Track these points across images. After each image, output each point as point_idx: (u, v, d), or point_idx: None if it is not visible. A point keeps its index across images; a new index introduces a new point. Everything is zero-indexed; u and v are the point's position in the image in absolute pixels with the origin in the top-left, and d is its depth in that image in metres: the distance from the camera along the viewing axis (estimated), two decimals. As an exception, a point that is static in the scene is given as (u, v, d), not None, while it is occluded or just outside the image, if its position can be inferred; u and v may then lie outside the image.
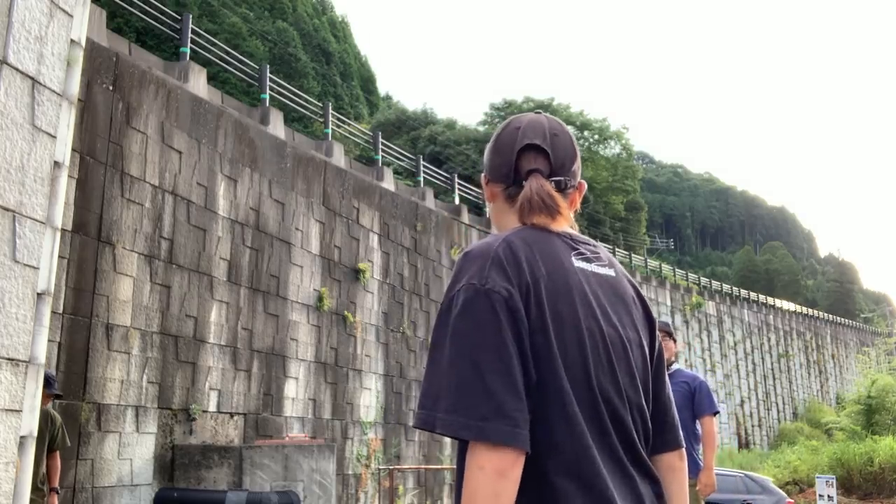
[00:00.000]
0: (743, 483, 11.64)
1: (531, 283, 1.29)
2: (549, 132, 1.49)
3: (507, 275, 1.28)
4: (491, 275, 1.28)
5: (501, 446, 1.18)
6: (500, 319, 1.24)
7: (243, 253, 9.83)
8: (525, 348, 1.25)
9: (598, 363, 1.31)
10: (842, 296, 70.25)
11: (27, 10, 3.74)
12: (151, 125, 8.50)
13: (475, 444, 1.19)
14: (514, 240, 1.35)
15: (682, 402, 5.23)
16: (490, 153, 1.53)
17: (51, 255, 4.02)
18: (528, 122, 1.52)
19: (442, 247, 15.05)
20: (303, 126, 24.73)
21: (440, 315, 1.31)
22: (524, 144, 1.47)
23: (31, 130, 3.78)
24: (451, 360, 1.24)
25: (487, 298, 1.25)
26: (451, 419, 1.20)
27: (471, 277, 1.28)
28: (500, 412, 1.19)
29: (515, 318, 1.25)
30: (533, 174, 1.44)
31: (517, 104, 35.91)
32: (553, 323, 1.28)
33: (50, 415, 6.11)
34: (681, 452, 1.51)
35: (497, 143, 1.53)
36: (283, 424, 10.18)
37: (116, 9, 12.05)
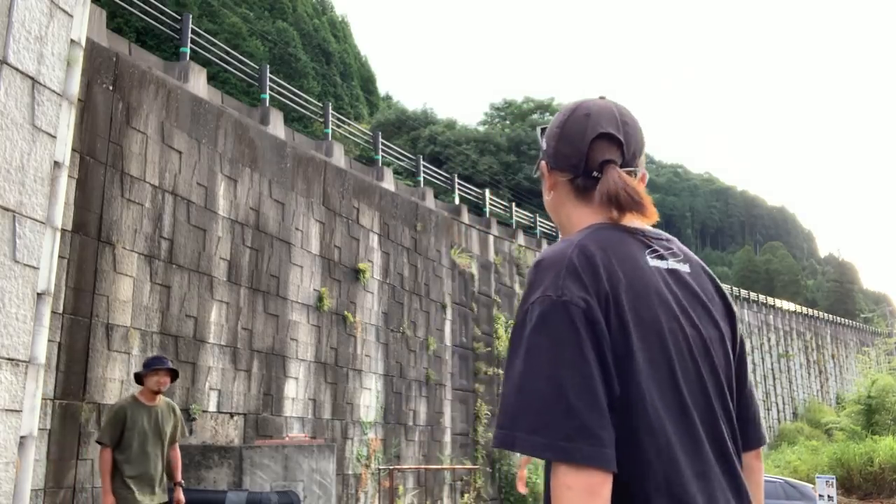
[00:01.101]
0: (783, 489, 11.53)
1: (609, 290, 1.23)
2: (620, 120, 1.42)
3: (583, 284, 1.22)
4: (566, 284, 1.22)
5: (586, 467, 1.13)
6: (579, 332, 1.19)
7: (243, 253, 9.83)
8: (607, 361, 1.20)
9: (685, 369, 1.27)
10: (842, 296, 70.24)
11: (27, 10, 3.74)
12: (151, 125, 8.50)
13: (559, 464, 1.15)
14: (588, 244, 1.28)
15: None
16: (555, 140, 1.45)
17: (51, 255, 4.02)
18: (599, 109, 1.43)
19: (442, 247, 15.05)
20: (303, 126, 24.74)
21: (515, 330, 1.26)
22: (597, 133, 1.39)
23: (31, 130, 3.78)
24: (529, 377, 1.19)
25: (565, 310, 1.20)
26: (531, 439, 1.16)
27: (545, 289, 1.23)
28: (584, 431, 1.14)
29: (595, 330, 1.20)
30: (609, 165, 1.37)
31: (517, 104, 35.92)
32: (635, 331, 1.23)
33: (172, 406, 6.18)
34: (759, 452, 1.45)
35: (564, 129, 1.44)
36: (283, 424, 10.18)
37: (116, 9, 12.05)
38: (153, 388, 5.96)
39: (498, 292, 17.08)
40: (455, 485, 14.24)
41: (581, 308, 1.20)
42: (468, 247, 16.23)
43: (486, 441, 15.38)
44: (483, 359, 15.84)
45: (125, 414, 5.83)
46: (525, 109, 35.20)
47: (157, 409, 5.99)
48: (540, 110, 35.05)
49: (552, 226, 22.55)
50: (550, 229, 22.27)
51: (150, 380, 5.95)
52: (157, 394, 6.00)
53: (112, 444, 5.75)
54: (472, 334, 15.69)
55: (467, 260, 15.94)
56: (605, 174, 1.36)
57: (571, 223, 1.43)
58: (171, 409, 6.12)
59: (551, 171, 1.46)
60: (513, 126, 34.11)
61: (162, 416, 6.00)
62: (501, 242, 17.82)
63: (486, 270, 16.80)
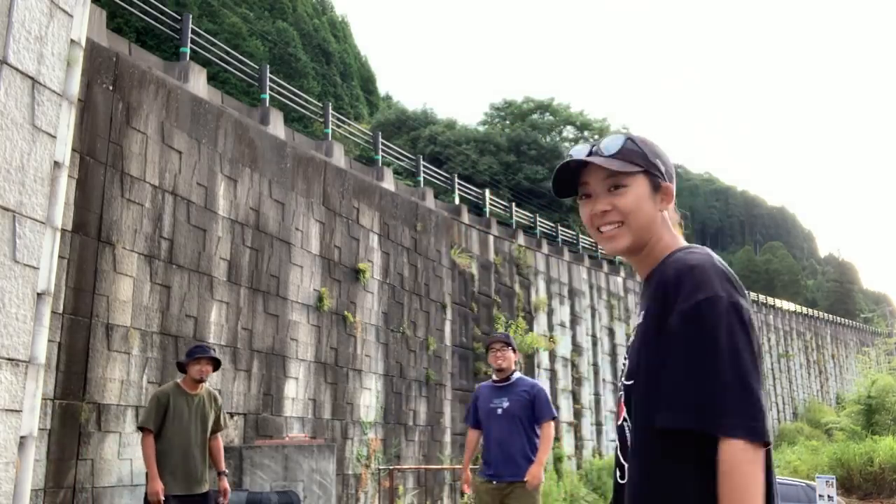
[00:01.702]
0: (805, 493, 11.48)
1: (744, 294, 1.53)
2: None
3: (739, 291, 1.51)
4: (729, 289, 1.48)
5: (761, 444, 1.39)
6: (748, 329, 1.45)
7: (243, 253, 9.83)
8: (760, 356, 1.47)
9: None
10: (842, 296, 70.24)
11: (27, 10, 3.74)
12: (151, 125, 8.50)
13: (747, 443, 1.37)
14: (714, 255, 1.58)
15: (523, 410, 5.55)
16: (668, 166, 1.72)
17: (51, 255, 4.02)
18: None
19: (442, 247, 15.05)
20: (303, 126, 24.73)
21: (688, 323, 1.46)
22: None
23: (31, 130, 3.78)
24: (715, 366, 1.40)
25: (738, 311, 1.46)
26: (729, 422, 1.37)
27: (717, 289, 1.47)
28: (763, 414, 1.39)
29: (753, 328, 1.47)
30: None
31: (517, 104, 35.88)
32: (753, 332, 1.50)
33: (214, 395, 6.20)
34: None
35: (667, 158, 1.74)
36: (283, 424, 10.18)
37: (116, 9, 12.04)
38: (195, 376, 5.96)
39: (498, 292, 17.08)
40: (455, 485, 14.24)
41: (747, 311, 1.47)
42: (468, 247, 16.23)
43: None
44: (483, 359, 15.83)
45: (168, 400, 5.84)
46: (525, 109, 35.17)
47: (199, 397, 6.01)
48: (540, 110, 35.04)
49: (552, 226, 22.55)
50: (550, 229, 22.26)
51: (193, 368, 5.96)
52: (199, 382, 6.00)
53: (155, 429, 5.74)
54: (472, 334, 15.69)
55: (467, 260, 15.94)
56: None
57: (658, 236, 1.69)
58: (212, 398, 6.14)
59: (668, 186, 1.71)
60: (513, 126, 34.09)
61: (204, 404, 6.01)
62: (501, 242, 17.81)
63: (486, 270, 16.80)
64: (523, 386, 5.70)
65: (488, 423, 5.63)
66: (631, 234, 1.66)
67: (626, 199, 1.65)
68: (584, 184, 1.69)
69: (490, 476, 5.52)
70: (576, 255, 22.07)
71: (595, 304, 21.92)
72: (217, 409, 6.18)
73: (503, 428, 5.53)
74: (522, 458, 5.47)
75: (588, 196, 1.69)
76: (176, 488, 5.76)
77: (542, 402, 5.62)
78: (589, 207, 1.69)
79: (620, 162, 1.65)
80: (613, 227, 1.66)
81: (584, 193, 1.70)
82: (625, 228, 1.66)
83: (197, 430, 5.95)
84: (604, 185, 1.66)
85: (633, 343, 1.64)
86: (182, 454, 5.84)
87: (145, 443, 5.79)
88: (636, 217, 1.66)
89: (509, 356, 5.75)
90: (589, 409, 20.26)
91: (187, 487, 5.82)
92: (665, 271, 1.57)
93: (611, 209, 1.65)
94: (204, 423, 6.01)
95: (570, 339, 20.11)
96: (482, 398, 5.81)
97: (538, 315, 18.70)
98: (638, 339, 1.60)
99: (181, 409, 5.89)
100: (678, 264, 1.54)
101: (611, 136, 1.71)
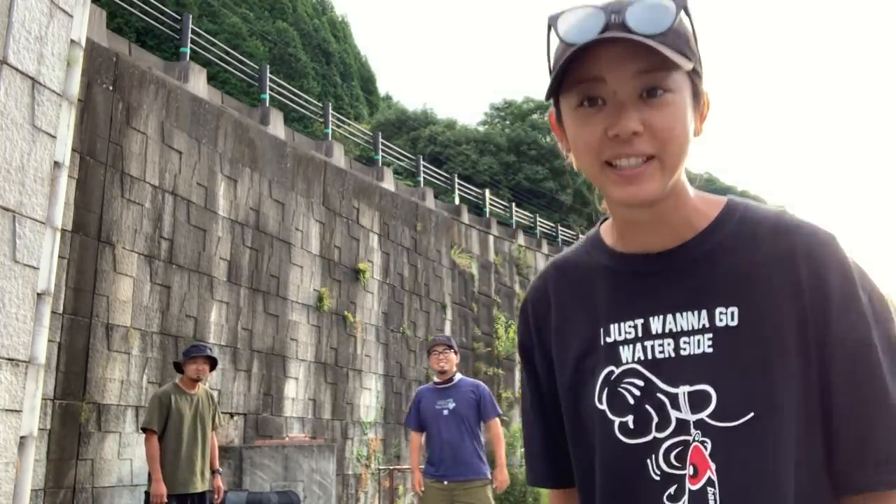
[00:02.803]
0: None
1: None
2: None
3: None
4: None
5: None
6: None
7: (243, 253, 9.83)
8: None
9: None
10: (842, 296, 70.20)
11: (27, 10, 3.74)
12: (151, 125, 8.50)
13: None
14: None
15: (469, 410, 5.73)
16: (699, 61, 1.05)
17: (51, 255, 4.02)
18: None
19: (442, 247, 15.05)
20: (303, 126, 24.74)
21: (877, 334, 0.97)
22: None
23: (31, 130, 3.78)
24: None
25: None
26: None
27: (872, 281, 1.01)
28: None
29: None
30: None
31: (517, 104, 35.90)
32: None
33: (210, 394, 6.34)
34: None
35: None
36: (283, 424, 10.19)
37: (116, 9, 12.05)
38: (192, 375, 6.06)
39: (498, 292, 17.08)
40: (455, 485, 14.25)
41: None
42: (468, 247, 16.23)
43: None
44: (483, 359, 15.84)
45: (170, 400, 5.94)
46: (525, 109, 35.18)
47: (197, 396, 6.12)
48: (540, 110, 35.03)
49: (552, 226, 22.53)
50: (550, 229, 22.26)
51: (190, 368, 6.05)
52: (196, 382, 6.10)
53: (158, 430, 5.83)
54: (472, 334, 15.70)
55: (467, 260, 15.94)
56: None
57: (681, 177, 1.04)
58: (209, 397, 6.27)
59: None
60: (513, 126, 34.10)
61: (202, 404, 6.12)
62: (501, 242, 17.82)
63: (486, 270, 16.80)
64: (467, 386, 5.88)
65: (435, 425, 5.77)
66: (665, 176, 0.98)
67: (670, 114, 0.96)
68: (595, 80, 0.95)
69: (439, 476, 5.69)
70: (576, 256, 22.05)
71: (595, 305, 21.91)
72: (213, 407, 6.27)
73: (451, 428, 5.70)
74: (472, 458, 5.69)
75: (595, 102, 0.96)
76: (177, 487, 5.83)
77: (488, 402, 5.84)
78: (604, 121, 0.96)
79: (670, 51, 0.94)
80: (640, 163, 0.96)
81: (589, 96, 0.97)
82: (656, 166, 0.96)
83: (197, 429, 6.03)
84: (634, 84, 0.95)
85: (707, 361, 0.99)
86: (183, 454, 5.91)
87: (149, 444, 5.87)
88: (678, 147, 0.98)
89: (451, 358, 5.90)
90: (589, 410, 20.27)
91: (187, 486, 5.90)
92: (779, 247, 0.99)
93: (642, 130, 0.95)
94: (203, 423, 6.09)
95: (570, 339, 20.10)
96: (425, 400, 5.93)
97: (538, 315, 18.69)
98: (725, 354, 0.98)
99: (182, 409, 5.96)
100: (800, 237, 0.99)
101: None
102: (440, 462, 5.67)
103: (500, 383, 16.25)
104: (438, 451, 5.69)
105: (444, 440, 5.67)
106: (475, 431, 5.78)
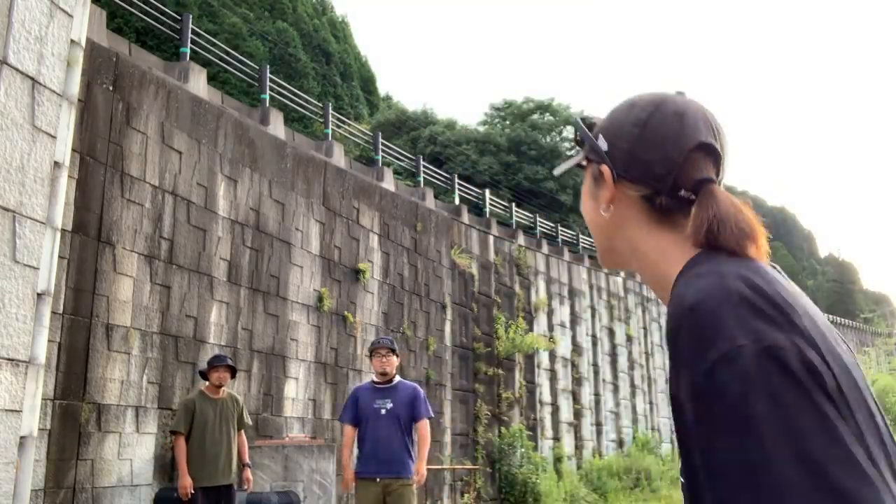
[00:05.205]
0: None
1: (797, 323, 0.91)
2: (715, 127, 1.10)
3: (774, 321, 0.89)
4: (758, 326, 0.88)
5: None
6: (802, 385, 0.85)
7: (243, 253, 9.83)
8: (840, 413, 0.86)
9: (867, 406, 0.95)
10: (842, 296, 70.30)
11: (27, 11, 3.74)
12: (151, 125, 8.50)
13: None
14: (742, 272, 0.95)
15: (405, 410, 6.01)
16: (631, 142, 1.10)
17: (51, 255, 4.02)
18: (694, 110, 1.10)
19: (442, 247, 15.05)
20: (303, 126, 24.73)
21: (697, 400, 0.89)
22: (697, 142, 1.07)
23: (31, 130, 3.78)
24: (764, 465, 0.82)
25: (777, 361, 0.86)
26: None
27: (736, 338, 0.87)
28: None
29: (818, 376, 0.87)
30: (709, 185, 1.06)
31: (517, 104, 35.88)
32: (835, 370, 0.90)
33: (235, 397, 7.22)
34: None
35: (648, 130, 1.09)
36: (283, 424, 10.19)
37: (116, 9, 12.05)
38: (215, 382, 6.97)
39: (498, 293, 17.08)
40: (455, 485, 14.24)
41: (793, 352, 0.87)
42: (468, 247, 16.23)
43: (485, 441, 15.38)
44: (483, 359, 15.84)
45: (195, 406, 6.83)
46: (525, 109, 35.16)
47: (221, 401, 6.98)
48: (540, 110, 35.02)
49: (552, 226, 22.51)
50: (550, 229, 22.25)
51: (213, 375, 6.97)
52: (219, 388, 6.98)
53: (185, 432, 6.72)
54: (472, 334, 15.69)
55: (467, 260, 15.94)
56: (709, 195, 1.04)
57: (637, 251, 1.12)
58: (234, 400, 7.15)
59: (618, 180, 1.11)
60: (513, 126, 34.08)
61: (226, 406, 6.97)
62: (501, 243, 17.82)
63: (486, 271, 16.80)
64: (405, 388, 6.17)
65: (372, 423, 5.97)
66: (600, 249, 1.19)
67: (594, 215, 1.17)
68: None
69: (372, 473, 5.89)
70: (576, 256, 22.06)
71: (595, 305, 21.91)
72: (239, 409, 7.09)
73: (387, 427, 5.92)
74: (405, 456, 5.93)
75: None
76: (202, 481, 6.65)
77: (421, 403, 6.13)
78: None
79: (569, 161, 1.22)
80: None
81: None
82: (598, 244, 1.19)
83: (221, 430, 6.85)
84: None
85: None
86: (207, 452, 6.72)
87: (177, 445, 6.75)
88: (601, 236, 1.17)
89: (393, 361, 6.19)
90: (589, 410, 20.26)
91: (211, 480, 6.70)
92: (667, 319, 0.98)
93: None
94: (228, 424, 6.91)
95: (570, 339, 20.11)
96: (363, 398, 6.11)
97: (538, 315, 18.70)
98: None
99: (206, 412, 6.79)
100: (674, 307, 0.96)
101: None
102: (374, 459, 5.86)
103: (500, 383, 16.25)
104: (371, 449, 5.89)
105: (379, 438, 5.88)
106: (409, 431, 6.02)
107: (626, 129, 1.10)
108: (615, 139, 1.11)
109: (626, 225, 1.12)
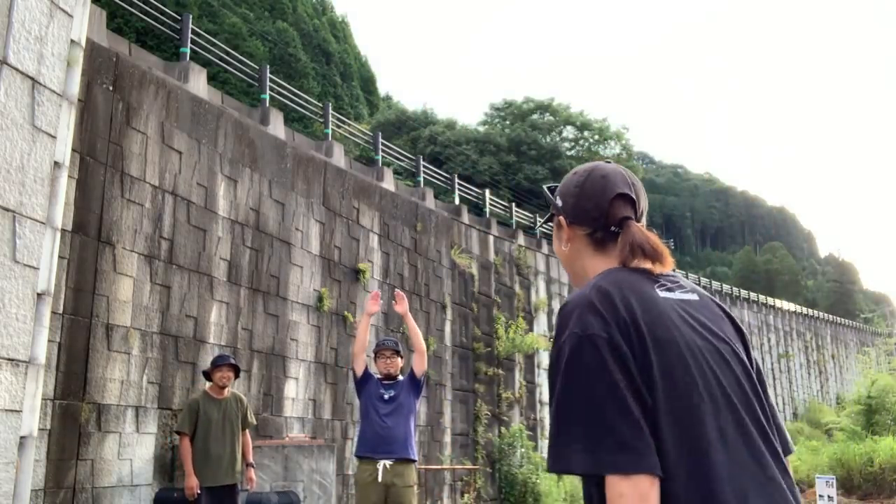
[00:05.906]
0: None
1: (628, 319, 1.40)
2: (630, 182, 1.64)
3: (603, 318, 1.39)
4: (589, 321, 1.39)
5: (633, 474, 1.28)
6: (605, 360, 1.36)
7: (243, 253, 9.83)
8: (636, 380, 1.35)
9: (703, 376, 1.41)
10: (842, 296, 70.24)
11: (27, 11, 3.74)
12: (151, 125, 8.50)
13: (611, 476, 1.29)
14: (604, 284, 1.46)
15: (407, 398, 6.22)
16: (574, 197, 1.64)
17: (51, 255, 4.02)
18: (613, 172, 1.64)
19: (442, 247, 15.04)
20: (303, 126, 24.73)
21: (552, 367, 1.44)
22: (616, 193, 1.60)
23: (31, 130, 3.78)
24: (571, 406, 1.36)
25: (591, 343, 1.37)
26: (583, 458, 1.31)
27: (572, 327, 1.40)
28: (624, 445, 1.30)
29: (620, 354, 1.36)
30: (628, 221, 1.58)
31: (517, 104, 35.87)
32: (654, 349, 1.38)
33: (239, 397, 7.20)
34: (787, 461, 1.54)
35: (584, 189, 1.63)
36: (283, 424, 10.18)
37: (116, 9, 12.04)
38: (218, 382, 6.96)
39: (498, 292, 17.08)
40: (455, 485, 14.24)
41: (604, 338, 1.37)
42: (468, 247, 16.23)
43: (485, 441, 15.37)
44: (483, 359, 15.84)
45: (198, 406, 6.83)
46: (525, 109, 35.16)
47: (225, 401, 6.99)
48: (540, 110, 35.03)
49: (552, 226, 22.50)
50: (550, 229, 22.20)
51: (216, 375, 6.96)
52: (223, 388, 6.98)
53: (190, 432, 6.74)
54: (472, 334, 15.69)
55: (467, 260, 15.94)
56: (627, 228, 1.57)
57: (587, 272, 1.62)
58: (238, 399, 7.13)
59: (570, 225, 1.65)
60: (513, 126, 34.08)
61: (230, 406, 6.99)
62: (501, 243, 17.82)
63: (486, 270, 16.80)
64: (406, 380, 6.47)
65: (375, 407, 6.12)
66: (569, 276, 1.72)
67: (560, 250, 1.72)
68: None
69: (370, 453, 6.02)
70: (576, 256, 22.06)
71: (595, 305, 21.91)
72: (243, 409, 7.07)
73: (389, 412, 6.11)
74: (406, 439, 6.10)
75: None
76: (206, 481, 6.67)
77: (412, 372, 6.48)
78: None
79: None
80: None
81: None
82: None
83: (225, 430, 6.85)
84: None
85: None
86: (211, 452, 6.73)
87: (182, 444, 6.76)
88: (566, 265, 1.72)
89: (397, 363, 6.53)
90: (589, 410, 20.27)
91: (215, 480, 6.71)
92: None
93: None
94: (232, 424, 6.91)
95: (570, 339, 20.09)
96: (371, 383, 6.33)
97: (538, 315, 18.70)
98: None
99: (210, 413, 6.80)
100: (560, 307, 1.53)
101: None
102: (376, 441, 5.97)
103: (500, 383, 16.25)
104: (373, 432, 6.00)
105: (382, 421, 6.03)
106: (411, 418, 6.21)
107: (571, 190, 1.66)
108: (565, 197, 1.67)
109: (580, 255, 1.65)
